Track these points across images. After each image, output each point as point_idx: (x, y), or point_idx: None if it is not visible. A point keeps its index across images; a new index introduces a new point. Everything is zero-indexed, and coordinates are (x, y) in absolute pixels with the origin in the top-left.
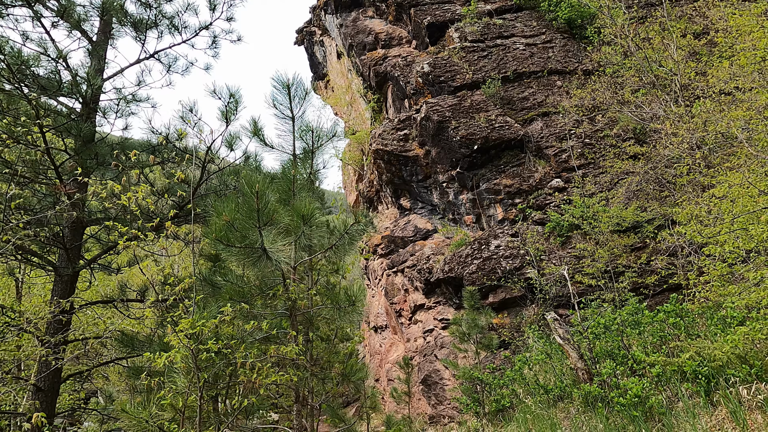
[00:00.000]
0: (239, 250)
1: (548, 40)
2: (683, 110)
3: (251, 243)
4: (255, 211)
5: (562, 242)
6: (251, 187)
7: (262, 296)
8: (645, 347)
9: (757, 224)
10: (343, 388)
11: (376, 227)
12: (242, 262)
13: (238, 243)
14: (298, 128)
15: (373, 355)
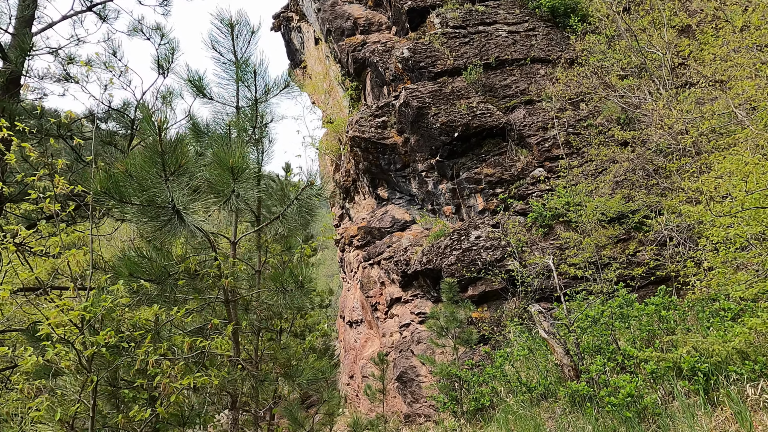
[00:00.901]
0: (138, 210)
1: (531, 28)
2: (673, 92)
3: (154, 198)
4: (159, 154)
5: (544, 233)
6: (151, 124)
7: (189, 277)
8: (634, 342)
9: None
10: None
11: (352, 217)
12: (145, 227)
13: (135, 198)
14: (243, 75)
15: (347, 351)
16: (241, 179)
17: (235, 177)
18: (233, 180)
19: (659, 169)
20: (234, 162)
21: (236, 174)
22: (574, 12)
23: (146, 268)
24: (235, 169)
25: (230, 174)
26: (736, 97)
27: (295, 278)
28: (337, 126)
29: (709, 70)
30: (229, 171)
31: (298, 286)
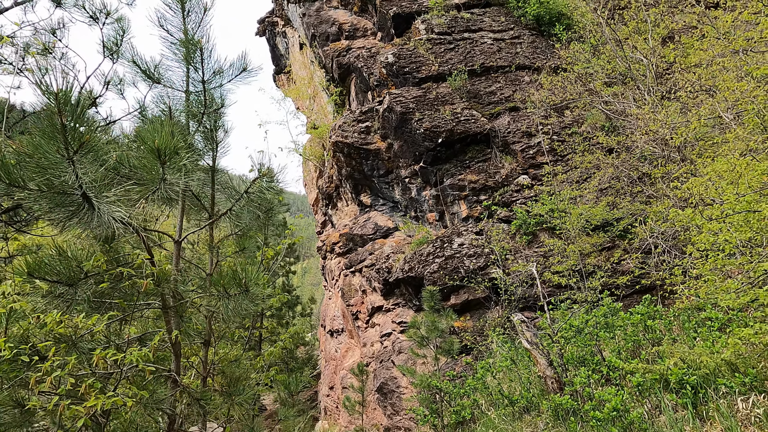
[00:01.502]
0: (37, 196)
1: (516, 36)
2: (658, 98)
3: (51, 181)
4: (59, 129)
5: (528, 241)
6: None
7: (115, 280)
8: (619, 352)
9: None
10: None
11: (335, 224)
12: (51, 217)
13: (33, 182)
14: (194, 56)
15: (328, 361)
16: (171, 164)
17: (164, 161)
18: (161, 165)
19: (644, 177)
20: (161, 143)
21: (165, 157)
22: (558, 21)
23: (52, 267)
24: (163, 151)
25: (156, 157)
26: (722, 101)
27: (238, 281)
28: (321, 132)
29: (694, 75)
30: (155, 153)
31: (242, 291)
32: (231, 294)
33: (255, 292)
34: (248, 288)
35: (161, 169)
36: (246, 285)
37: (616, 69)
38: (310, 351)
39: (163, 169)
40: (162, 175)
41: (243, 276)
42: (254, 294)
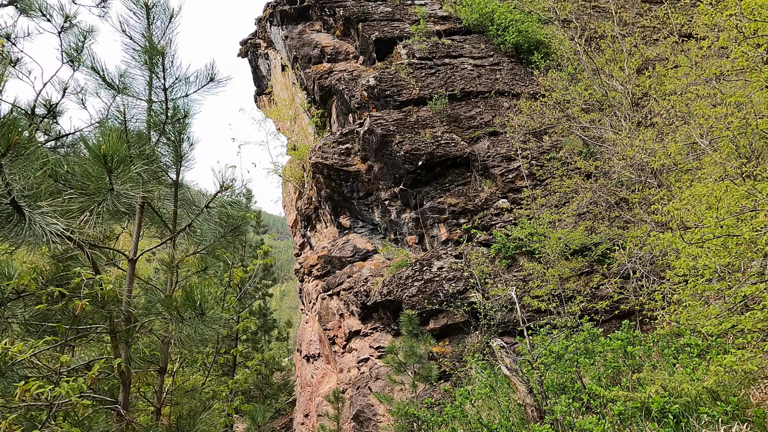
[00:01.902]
0: None
1: (496, 63)
2: (635, 124)
3: None
4: None
5: (508, 265)
6: None
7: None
8: (599, 379)
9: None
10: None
11: (313, 246)
12: None
13: None
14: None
15: (304, 387)
16: (121, 173)
17: (112, 169)
18: (108, 173)
19: (621, 202)
20: (109, 149)
21: (112, 165)
22: (537, 49)
23: None
24: (111, 159)
25: (103, 164)
26: (697, 128)
27: (192, 303)
28: (301, 153)
29: (669, 103)
30: (101, 160)
31: (197, 314)
32: (185, 317)
33: (212, 316)
34: (204, 311)
35: (108, 179)
36: (202, 308)
37: (593, 96)
38: (286, 376)
39: (111, 179)
40: (109, 185)
41: (199, 297)
42: (211, 318)
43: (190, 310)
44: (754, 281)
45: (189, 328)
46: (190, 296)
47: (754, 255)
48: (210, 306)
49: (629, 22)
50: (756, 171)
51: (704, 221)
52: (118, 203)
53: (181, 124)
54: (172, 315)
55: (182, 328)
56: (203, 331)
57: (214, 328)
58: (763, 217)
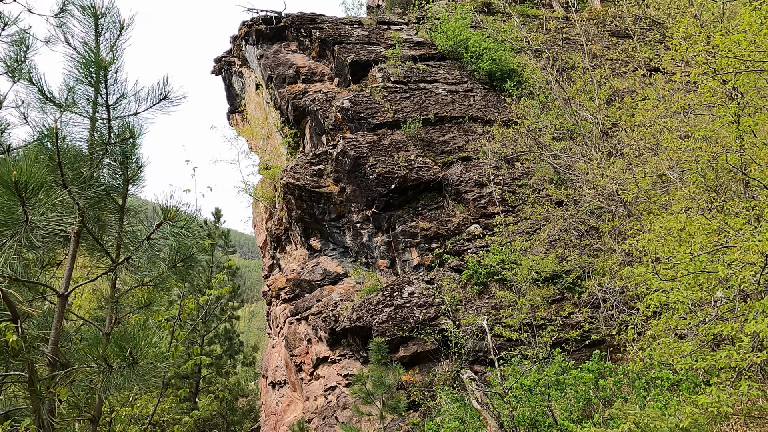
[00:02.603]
0: None
1: (470, 89)
2: (605, 154)
3: None
4: None
5: (479, 291)
6: None
7: None
8: (570, 412)
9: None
10: None
11: (282, 268)
12: None
13: None
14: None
15: (268, 416)
16: (37, 202)
17: (26, 199)
18: (21, 203)
19: (591, 230)
20: (21, 175)
21: (27, 194)
22: (510, 77)
23: None
24: (25, 187)
25: (14, 193)
26: (666, 160)
27: (121, 350)
28: (273, 173)
29: (639, 134)
30: (13, 189)
31: (128, 364)
32: (114, 367)
33: (146, 365)
34: (137, 360)
35: (22, 209)
36: (133, 356)
37: (564, 125)
38: (251, 402)
39: (25, 209)
40: (23, 216)
41: (130, 344)
42: (145, 367)
43: (119, 358)
44: (727, 318)
45: (119, 379)
46: (119, 343)
47: (726, 291)
48: (144, 354)
49: (598, 54)
50: (725, 205)
51: (677, 256)
52: (33, 237)
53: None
54: (98, 364)
55: (111, 379)
56: (135, 383)
57: (146, 380)
58: (736, 254)
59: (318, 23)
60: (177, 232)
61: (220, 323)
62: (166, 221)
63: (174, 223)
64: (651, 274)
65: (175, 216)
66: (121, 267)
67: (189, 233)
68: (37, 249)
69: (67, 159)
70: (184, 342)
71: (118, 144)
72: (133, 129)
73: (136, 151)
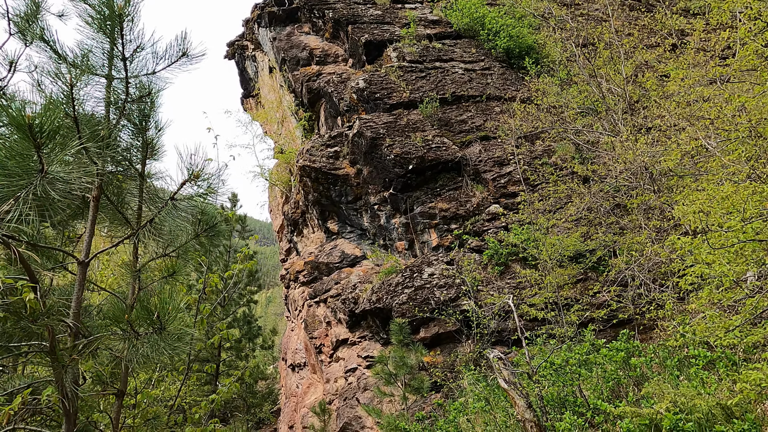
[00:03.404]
0: None
1: (487, 67)
2: (633, 127)
3: None
4: None
5: (500, 272)
6: None
7: None
8: (601, 392)
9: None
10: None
11: (300, 251)
12: None
13: None
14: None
15: (288, 398)
16: (54, 149)
17: (41, 144)
18: (36, 149)
19: (617, 208)
20: (36, 116)
21: (43, 138)
22: (528, 54)
23: None
24: (41, 130)
25: (29, 137)
26: (703, 130)
27: (148, 314)
28: (288, 156)
29: (671, 105)
30: (26, 132)
31: (156, 330)
32: (140, 333)
33: (175, 331)
34: (165, 325)
35: (37, 155)
36: (161, 321)
37: (589, 99)
38: (270, 385)
39: (41, 156)
40: (39, 165)
41: (158, 308)
42: (174, 333)
43: (146, 324)
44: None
45: (146, 347)
46: (146, 306)
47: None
48: (172, 318)
49: (620, 30)
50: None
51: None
52: (51, 189)
53: (147, 103)
54: (124, 330)
55: (137, 347)
56: (164, 350)
57: (177, 347)
58: None
59: (331, 3)
60: (204, 192)
61: (238, 307)
62: (191, 179)
63: (199, 183)
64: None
65: (200, 175)
66: (144, 231)
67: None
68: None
69: (84, 117)
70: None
71: (135, 102)
72: (150, 87)
73: (155, 113)
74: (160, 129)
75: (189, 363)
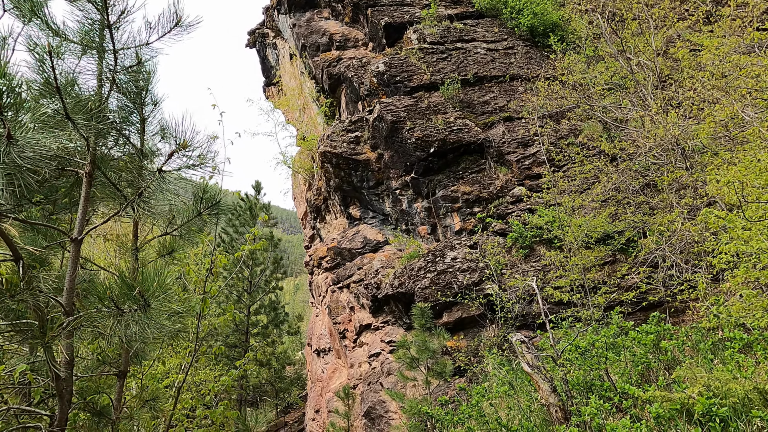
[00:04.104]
0: None
1: (510, 47)
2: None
3: None
4: None
5: (525, 255)
6: None
7: None
8: (630, 376)
9: None
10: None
11: (323, 238)
12: None
13: None
14: None
15: (314, 383)
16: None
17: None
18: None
19: (646, 187)
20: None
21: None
22: (553, 32)
23: None
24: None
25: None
26: (740, 100)
27: (129, 291)
28: (310, 143)
29: (705, 75)
30: None
31: (140, 306)
32: (125, 310)
33: (160, 308)
34: (149, 302)
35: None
36: (145, 298)
37: (617, 75)
38: (299, 370)
39: (3, 120)
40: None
41: (143, 284)
42: (159, 310)
43: (130, 301)
44: None
45: (131, 324)
46: (128, 283)
47: None
48: (156, 294)
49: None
50: None
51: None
52: (18, 156)
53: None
54: (108, 308)
55: (121, 324)
56: (147, 327)
57: (162, 324)
58: None
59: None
60: (192, 163)
61: (264, 294)
62: (178, 150)
63: (187, 153)
64: (735, 216)
65: (188, 145)
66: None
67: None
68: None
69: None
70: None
71: (126, 73)
72: (140, 56)
73: (151, 88)
74: (156, 103)
75: (196, 344)
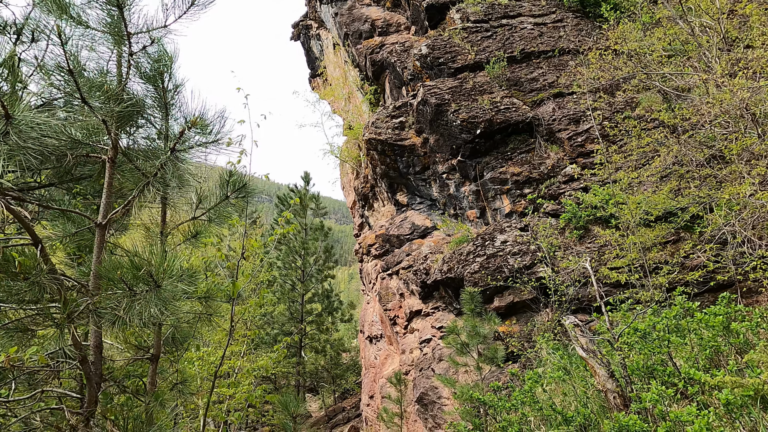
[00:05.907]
0: None
1: (559, 20)
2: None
3: None
4: None
5: (580, 236)
6: None
7: None
8: (696, 361)
9: None
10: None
11: (371, 225)
12: None
13: None
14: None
15: (368, 369)
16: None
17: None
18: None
19: (712, 159)
20: None
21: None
22: (605, 0)
23: None
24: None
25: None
26: None
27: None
28: (356, 132)
29: None
30: None
31: (151, 287)
32: (137, 292)
33: (171, 290)
34: (159, 283)
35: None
36: (155, 278)
37: (676, 40)
38: (354, 357)
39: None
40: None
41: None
42: (170, 292)
43: (142, 282)
44: None
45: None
46: (135, 264)
47: None
48: (166, 275)
49: None
50: None
51: None
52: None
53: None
54: (121, 289)
55: (132, 305)
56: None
57: (174, 305)
58: None
59: None
60: (207, 140)
61: (318, 283)
62: (189, 127)
63: (200, 130)
64: None
65: (198, 123)
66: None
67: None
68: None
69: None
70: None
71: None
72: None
73: (172, 72)
74: (177, 87)
75: (231, 327)
